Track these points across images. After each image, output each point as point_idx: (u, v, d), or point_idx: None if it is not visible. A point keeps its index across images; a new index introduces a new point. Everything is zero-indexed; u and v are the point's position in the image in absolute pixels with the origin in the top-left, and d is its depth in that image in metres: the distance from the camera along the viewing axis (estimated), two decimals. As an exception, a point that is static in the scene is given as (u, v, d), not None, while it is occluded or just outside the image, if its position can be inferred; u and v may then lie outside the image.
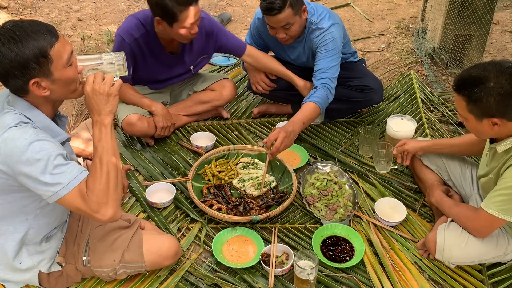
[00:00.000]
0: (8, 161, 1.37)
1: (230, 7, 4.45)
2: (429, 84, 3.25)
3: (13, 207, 1.52)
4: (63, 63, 1.42)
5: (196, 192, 2.23)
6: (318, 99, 2.32)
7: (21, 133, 1.38)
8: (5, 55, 1.34)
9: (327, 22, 2.39)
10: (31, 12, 4.14)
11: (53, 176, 1.39)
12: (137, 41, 2.32)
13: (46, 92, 1.43)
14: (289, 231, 2.12)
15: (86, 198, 1.43)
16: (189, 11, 2.13)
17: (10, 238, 1.57)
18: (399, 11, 4.39)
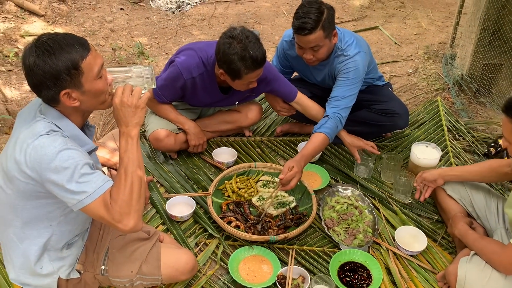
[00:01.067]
0: (37, 167, 1.41)
1: (259, 25, 4.50)
2: (456, 112, 3.21)
3: (39, 212, 1.55)
4: (94, 75, 1.46)
5: (216, 208, 2.24)
6: (328, 130, 2.32)
7: (50, 141, 1.42)
8: (39, 66, 1.38)
9: (353, 50, 2.38)
10: (66, 21, 4.27)
11: (79, 185, 1.42)
12: (193, 80, 2.36)
13: (76, 103, 1.47)
14: (306, 253, 2.10)
15: (110, 207, 1.45)
16: (254, 73, 2.18)
17: (33, 243, 1.60)
18: (428, 36, 4.36)
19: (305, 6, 2.24)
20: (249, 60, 2.10)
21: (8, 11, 4.13)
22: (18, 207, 1.52)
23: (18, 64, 3.51)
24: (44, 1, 4.36)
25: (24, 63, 1.41)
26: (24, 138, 1.43)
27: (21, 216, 1.54)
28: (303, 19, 2.21)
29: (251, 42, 2.11)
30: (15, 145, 1.44)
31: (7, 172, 1.47)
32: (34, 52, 1.39)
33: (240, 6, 4.88)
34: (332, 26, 2.30)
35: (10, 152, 1.46)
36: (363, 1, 5.00)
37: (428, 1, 5.26)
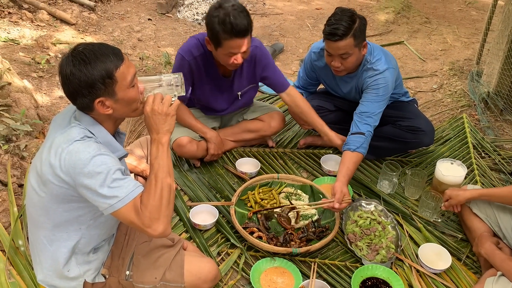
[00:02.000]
0: (71, 172, 1.45)
1: (283, 38, 4.54)
2: (481, 129, 3.17)
3: (70, 215, 1.59)
4: (127, 84, 1.50)
5: (238, 218, 2.25)
6: (364, 150, 2.35)
7: (85, 146, 1.46)
8: (75, 75, 1.44)
9: (383, 65, 2.39)
10: (96, 30, 4.39)
11: (111, 189, 1.45)
12: (196, 60, 2.41)
13: (109, 111, 1.52)
14: (328, 267, 2.10)
15: (140, 212, 1.48)
16: (233, 42, 2.18)
17: (63, 245, 1.64)
18: (454, 52, 4.34)
19: (338, 14, 2.26)
20: (228, 25, 2.10)
21: (41, 19, 4.27)
22: (50, 209, 1.56)
23: (49, 71, 3.62)
24: (75, 11, 4.50)
25: (61, 72, 1.46)
26: (59, 143, 1.48)
27: (53, 219, 1.59)
28: (335, 25, 2.23)
29: (235, 10, 2.12)
30: (50, 150, 1.49)
31: (42, 176, 1.52)
32: (70, 61, 1.45)
33: (265, 19, 4.94)
34: (363, 37, 2.31)
35: (45, 156, 1.51)
36: (388, 16, 5.01)
37: (454, 17, 5.24)
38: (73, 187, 1.49)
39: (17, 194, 2.28)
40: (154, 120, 1.55)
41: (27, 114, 2.77)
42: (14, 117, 2.63)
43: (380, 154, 2.78)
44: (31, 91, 3.11)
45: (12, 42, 3.86)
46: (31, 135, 2.74)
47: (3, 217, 2.15)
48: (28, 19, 4.25)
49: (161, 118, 1.55)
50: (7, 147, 2.47)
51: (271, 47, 4.16)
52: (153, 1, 5.03)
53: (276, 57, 4.18)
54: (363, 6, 5.34)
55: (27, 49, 3.84)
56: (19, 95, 2.88)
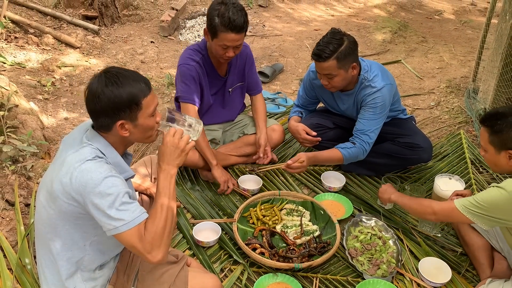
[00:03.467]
0: (82, 190, 1.51)
1: (283, 58, 4.64)
2: (479, 145, 3.21)
3: (75, 232, 1.63)
4: (149, 112, 1.60)
5: (241, 234, 2.29)
6: (348, 155, 2.51)
7: (97, 167, 1.53)
8: (106, 95, 1.53)
9: (380, 82, 2.46)
10: (100, 53, 4.50)
11: (119, 212, 1.51)
12: (198, 64, 2.56)
13: (126, 133, 1.61)
14: (330, 282, 2.13)
15: (143, 238, 1.54)
16: (228, 35, 2.34)
17: (68, 261, 1.66)
18: (450, 70, 4.42)
19: (328, 36, 2.37)
20: (227, 19, 2.29)
21: (46, 43, 4.38)
22: (58, 226, 1.61)
23: (55, 93, 3.71)
24: (79, 34, 4.61)
25: (91, 89, 1.55)
26: (71, 162, 1.54)
27: (59, 235, 1.63)
28: (321, 47, 2.34)
29: (235, 7, 2.33)
30: (61, 168, 1.55)
31: (52, 193, 1.57)
32: (103, 81, 1.54)
33: (265, 40, 5.05)
34: (350, 58, 2.38)
35: (56, 174, 1.56)
36: (385, 35, 5.12)
37: (450, 36, 5.35)
38: (82, 205, 1.53)
39: (24, 213, 2.32)
40: (170, 152, 1.65)
41: (33, 135, 2.84)
42: (21, 138, 2.70)
43: (380, 171, 2.82)
44: (37, 113, 3.18)
45: (18, 65, 3.96)
46: (37, 156, 2.79)
47: (10, 236, 2.19)
48: (34, 43, 4.36)
49: (176, 152, 1.65)
50: (14, 167, 2.53)
51: (271, 67, 4.25)
52: (156, 24, 5.16)
53: (276, 77, 4.27)
54: (361, 26, 5.46)
55: (33, 72, 3.93)
56: (25, 117, 2.95)
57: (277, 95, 3.85)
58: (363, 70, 2.49)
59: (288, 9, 6.00)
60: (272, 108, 3.66)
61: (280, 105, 3.70)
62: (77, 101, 3.67)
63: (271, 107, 3.67)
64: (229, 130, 2.92)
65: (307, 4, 6.23)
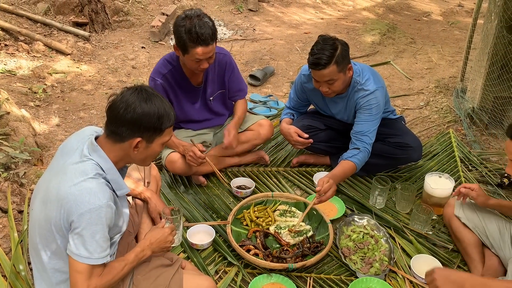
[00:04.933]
0: (74, 207, 1.51)
1: (274, 61, 4.68)
2: (468, 143, 3.27)
3: (62, 243, 1.61)
4: (163, 141, 1.69)
5: (235, 236, 2.30)
6: (358, 162, 2.48)
7: (97, 191, 1.53)
8: (142, 108, 1.57)
9: (373, 85, 2.50)
10: (91, 59, 4.50)
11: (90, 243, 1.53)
12: (165, 77, 2.57)
13: (136, 151, 1.64)
14: (324, 281, 2.15)
15: (90, 277, 1.56)
16: (199, 49, 2.34)
17: (56, 268, 1.66)
18: (439, 70, 4.48)
19: (320, 43, 2.38)
20: (194, 34, 2.28)
21: (37, 50, 4.38)
22: (47, 235, 1.61)
23: (46, 100, 3.71)
24: (70, 41, 4.61)
25: (126, 99, 1.58)
26: (72, 174, 1.55)
27: (49, 244, 1.63)
28: (317, 55, 2.34)
29: (201, 20, 2.31)
30: (60, 177, 1.56)
31: (45, 200, 1.58)
32: (143, 96, 1.59)
33: (255, 44, 5.09)
34: (346, 61, 2.42)
35: (53, 182, 1.57)
36: (374, 37, 5.18)
37: (438, 37, 5.42)
38: (66, 219, 1.54)
39: (17, 220, 2.32)
40: (158, 245, 1.80)
41: (25, 142, 2.84)
42: (13, 145, 2.70)
43: (371, 171, 2.85)
44: (29, 120, 3.18)
45: (9, 73, 3.96)
46: (30, 163, 2.79)
47: (3, 243, 2.19)
48: (24, 50, 4.35)
49: (162, 246, 1.82)
50: (7, 174, 2.53)
51: (262, 70, 4.28)
52: (146, 30, 5.17)
53: (267, 80, 4.30)
54: (350, 29, 5.52)
55: (24, 79, 3.93)
56: (17, 124, 2.95)
57: (269, 98, 3.88)
58: (355, 73, 2.52)
59: (278, 13, 6.05)
60: (264, 111, 3.68)
61: (272, 107, 3.73)
62: (69, 107, 3.67)
63: (262, 110, 3.70)
64: (220, 132, 2.94)
65: (297, 8, 6.28)
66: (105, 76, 4.21)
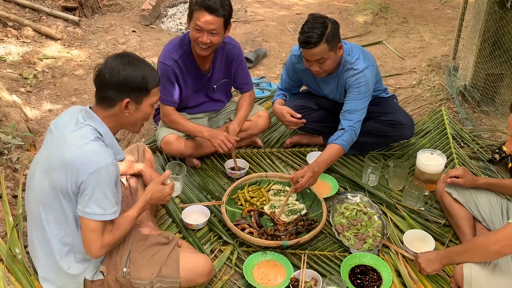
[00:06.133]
0: (82, 169, 1.57)
1: (266, 43, 4.65)
2: (460, 121, 3.29)
3: (68, 209, 1.67)
4: (152, 101, 1.76)
5: (230, 216, 2.32)
6: (344, 142, 2.44)
7: (102, 150, 1.61)
8: (125, 71, 1.65)
9: (362, 64, 2.49)
10: (81, 44, 4.45)
11: (99, 201, 1.60)
12: (177, 63, 2.55)
13: (127, 113, 1.70)
14: (318, 258, 2.18)
15: (103, 233, 1.66)
16: (200, 13, 2.33)
17: (58, 238, 1.70)
18: (431, 49, 4.48)
19: (310, 22, 2.36)
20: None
21: (26, 36, 4.32)
22: (52, 203, 1.66)
23: (37, 86, 3.68)
24: (60, 26, 4.55)
25: (109, 65, 1.65)
26: (72, 140, 1.61)
27: (53, 212, 1.68)
28: (308, 33, 2.33)
29: None
30: (61, 145, 1.61)
31: (48, 170, 1.63)
32: (125, 60, 1.66)
33: (247, 26, 5.05)
34: (337, 39, 2.41)
35: (54, 151, 1.62)
36: (367, 17, 5.15)
37: (430, 16, 5.40)
38: (75, 182, 1.59)
39: (11, 205, 2.32)
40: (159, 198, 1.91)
41: (17, 128, 2.82)
42: (5, 131, 2.68)
43: (364, 149, 2.87)
44: (20, 106, 3.16)
45: (-2, 59, 3.92)
46: (23, 148, 2.79)
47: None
48: (14, 36, 4.30)
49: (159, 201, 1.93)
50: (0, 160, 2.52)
51: (254, 52, 4.26)
52: (137, 14, 5.12)
53: (260, 61, 4.28)
54: (342, 9, 5.48)
55: (14, 65, 3.89)
56: (8, 110, 2.93)
57: (261, 79, 3.87)
58: (344, 53, 2.52)
59: (269, -6, 5.99)
60: (257, 93, 3.67)
61: (265, 89, 3.72)
62: (60, 92, 3.64)
63: (255, 91, 3.68)
64: (215, 117, 2.94)
65: (289, -11, 6.22)
66: (96, 61, 4.18)
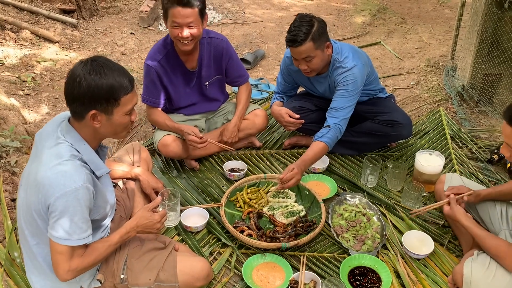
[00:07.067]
0: (50, 191, 1.50)
1: (264, 44, 4.65)
2: (458, 121, 3.29)
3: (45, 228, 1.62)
4: (125, 110, 1.61)
5: (228, 218, 2.32)
6: (329, 140, 2.45)
7: (72, 173, 1.51)
8: (87, 82, 1.51)
9: (351, 62, 2.49)
10: (80, 46, 4.45)
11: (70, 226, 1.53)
12: (160, 63, 2.56)
13: (97, 124, 1.59)
14: (317, 259, 2.18)
15: (71, 258, 1.58)
16: (175, 10, 2.33)
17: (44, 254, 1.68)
18: (429, 49, 4.48)
19: (297, 21, 2.40)
20: None
21: (24, 38, 4.32)
22: (32, 222, 1.62)
23: (35, 89, 3.68)
24: (58, 28, 4.56)
25: (73, 73, 1.53)
26: (47, 159, 1.54)
27: (33, 231, 1.64)
28: (294, 32, 2.36)
29: None
30: (38, 163, 1.56)
31: (27, 188, 1.60)
32: (88, 68, 1.53)
33: (245, 27, 5.05)
34: (324, 38, 2.42)
35: (33, 169, 1.58)
36: (365, 18, 5.16)
37: (428, 17, 5.41)
38: (44, 202, 1.54)
39: (10, 208, 2.32)
40: (147, 226, 1.78)
41: (16, 131, 2.82)
42: (3, 134, 2.68)
43: (363, 149, 2.87)
44: (19, 109, 3.16)
45: (-4, 62, 3.92)
46: (21, 151, 2.78)
47: (-3, 231, 2.20)
48: (12, 39, 4.30)
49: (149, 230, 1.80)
50: (-2, 163, 2.52)
51: (252, 54, 4.26)
52: (135, 16, 5.12)
53: (258, 63, 4.28)
54: (340, 10, 5.49)
55: (12, 68, 3.89)
56: (7, 113, 2.93)
57: (260, 81, 3.87)
58: (334, 52, 2.53)
59: (267, -4, 6.00)
60: (255, 94, 3.68)
61: (263, 90, 3.72)
62: (59, 95, 3.64)
63: (254, 93, 3.68)
64: (213, 118, 2.94)
65: (287, -10, 6.23)
66: (95, 63, 4.17)
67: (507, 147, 1.79)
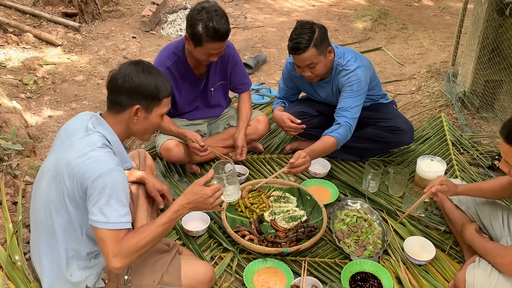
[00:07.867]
0: (86, 175, 1.55)
1: (266, 49, 4.67)
2: (459, 127, 3.30)
3: (75, 216, 1.65)
4: (162, 112, 1.75)
5: (229, 222, 2.32)
6: (339, 136, 2.44)
7: (106, 157, 1.59)
8: (140, 78, 1.66)
9: (353, 64, 2.52)
10: (82, 50, 4.46)
11: (107, 208, 1.54)
12: (169, 70, 2.55)
13: (136, 119, 1.70)
14: (318, 265, 2.18)
15: (118, 243, 1.56)
16: (214, 45, 2.35)
17: (65, 244, 1.69)
18: (430, 55, 4.50)
19: (298, 28, 2.41)
20: (211, 29, 2.28)
21: (26, 42, 4.33)
22: (60, 210, 1.64)
23: (37, 91, 3.68)
24: (60, 32, 4.57)
25: (123, 71, 1.66)
26: (80, 146, 1.60)
27: (61, 219, 1.66)
28: (296, 39, 2.37)
29: (218, 15, 2.30)
30: (69, 151, 1.60)
31: (55, 176, 1.62)
32: (140, 67, 1.67)
33: (247, 32, 5.07)
34: (325, 44, 2.44)
35: (62, 157, 1.61)
36: (366, 24, 5.18)
37: (429, 22, 5.43)
38: (82, 189, 1.58)
39: (11, 211, 2.32)
40: (199, 201, 1.70)
41: (17, 134, 2.82)
42: (5, 137, 2.68)
43: (364, 155, 2.88)
44: (21, 112, 3.16)
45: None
46: (23, 154, 2.79)
47: (-1, 234, 2.19)
48: (14, 42, 4.31)
49: (201, 206, 1.72)
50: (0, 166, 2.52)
51: (254, 58, 4.27)
52: (137, 20, 5.13)
53: (260, 68, 4.29)
54: (341, 15, 5.51)
55: (14, 71, 3.89)
56: (9, 116, 2.93)
57: (261, 85, 3.88)
58: (336, 56, 2.54)
59: (269, 0, 6.02)
60: (257, 99, 3.68)
61: (265, 95, 3.73)
62: (61, 98, 3.65)
63: (255, 97, 3.70)
64: (215, 123, 2.95)
65: (288, -5, 6.26)
66: (97, 67, 4.19)
67: (506, 163, 1.79)
